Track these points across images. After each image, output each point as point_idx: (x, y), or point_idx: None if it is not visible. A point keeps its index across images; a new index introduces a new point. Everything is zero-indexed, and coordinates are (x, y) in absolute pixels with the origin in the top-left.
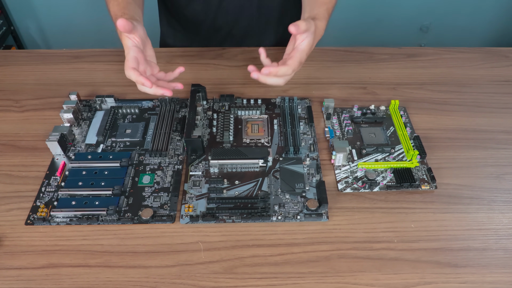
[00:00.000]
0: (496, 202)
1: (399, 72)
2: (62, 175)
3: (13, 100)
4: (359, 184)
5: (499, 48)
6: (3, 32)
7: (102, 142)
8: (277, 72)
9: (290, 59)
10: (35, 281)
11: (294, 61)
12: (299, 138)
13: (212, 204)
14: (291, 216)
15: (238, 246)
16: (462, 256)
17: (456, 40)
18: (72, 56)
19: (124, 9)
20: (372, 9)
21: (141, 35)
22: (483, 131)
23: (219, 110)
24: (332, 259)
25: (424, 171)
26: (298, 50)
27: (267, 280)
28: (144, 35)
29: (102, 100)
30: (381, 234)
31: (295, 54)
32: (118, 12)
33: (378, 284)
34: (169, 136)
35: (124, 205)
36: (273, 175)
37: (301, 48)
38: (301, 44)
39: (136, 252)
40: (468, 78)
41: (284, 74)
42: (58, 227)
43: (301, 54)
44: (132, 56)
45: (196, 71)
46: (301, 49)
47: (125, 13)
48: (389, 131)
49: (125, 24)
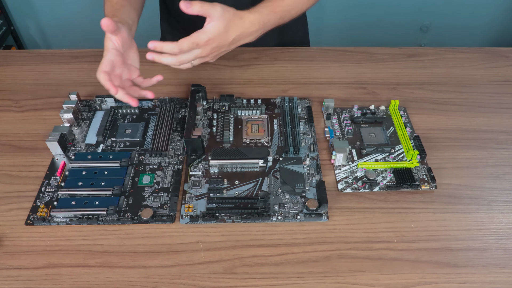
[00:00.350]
0: (496, 202)
1: (399, 72)
2: (62, 175)
3: (13, 100)
4: (359, 184)
5: (499, 48)
6: (3, 32)
7: (102, 142)
8: (161, 47)
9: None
10: (35, 281)
11: (186, 39)
12: (299, 138)
13: (212, 204)
14: (291, 216)
15: (238, 246)
16: (462, 256)
17: (456, 40)
18: (72, 56)
19: (116, 11)
20: (372, 9)
21: (124, 37)
22: (483, 131)
23: (219, 110)
24: (332, 259)
25: (424, 171)
26: (199, 31)
27: (267, 280)
28: (128, 38)
29: (102, 100)
30: (381, 234)
31: (193, 33)
32: (109, 14)
33: (378, 284)
34: (169, 136)
35: (124, 205)
36: (273, 175)
37: (202, 30)
38: (206, 26)
39: (136, 252)
40: (468, 78)
41: (171, 51)
42: (58, 227)
43: (199, 34)
44: (107, 59)
45: (196, 71)
46: (201, 30)
47: (115, 15)
48: (389, 131)
49: (108, 24)
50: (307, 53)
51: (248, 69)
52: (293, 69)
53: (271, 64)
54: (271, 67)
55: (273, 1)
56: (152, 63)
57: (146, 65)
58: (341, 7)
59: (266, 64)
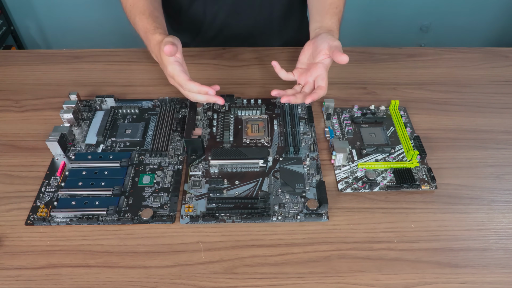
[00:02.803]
0: (496, 202)
1: (399, 72)
2: (62, 175)
3: (13, 100)
4: (359, 184)
5: (499, 48)
6: (3, 32)
7: (102, 142)
8: (318, 96)
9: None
10: (35, 281)
11: (325, 81)
12: (299, 138)
13: (212, 204)
14: (291, 216)
15: (238, 246)
16: (462, 256)
17: (456, 40)
18: (72, 56)
19: (155, 23)
20: (372, 9)
21: (180, 50)
22: (483, 131)
23: (219, 110)
24: (332, 259)
25: (424, 171)
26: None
27: (267, 280)
28: (181, 49)
29: (102, 100)
30: (381, 234)
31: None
32: (150, 27)
33: (378, 284)
34: (169, 136)
35: (124, 205)
36: (273, 175)
37: (326, 64)
38: (325, 60)
39: (136, 252)
40: (468, 78)
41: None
42: (58, 227)
43: (327, 68)
44: (179, 70)
45: (196, 71)
46: (326, 65)
47: (157, 27)
48: (389, 131)
49: (171, 49)
50: None
51: (248, 69)
52: (293, 69)
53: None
54: (271, 67)
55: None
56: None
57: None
58: None
59: (266, 64)
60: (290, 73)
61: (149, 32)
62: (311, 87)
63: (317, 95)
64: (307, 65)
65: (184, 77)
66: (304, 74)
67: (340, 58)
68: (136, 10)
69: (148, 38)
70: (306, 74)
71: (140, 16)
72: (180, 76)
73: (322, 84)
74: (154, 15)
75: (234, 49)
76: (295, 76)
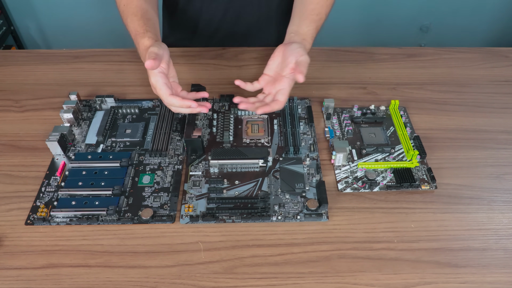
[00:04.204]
0: (496, 202)
1: (399, 72)
2: (62, 175)
3: (13, 100)
4: (359, 184)
5: (499, 48)
6: (3, 32)
7: (102, 142)
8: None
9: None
10: (35, 281)
11: (285, 96)
12: (299, 138)
13: (212, 204)
14: (291, 216)
15: (238, 246)
16: (462, 256)
17: (456, 40)
18: (72, 56)
19: (146, 26)
20: (372, 9)
21: (166, 59)
22: (483, 131)
23: (219, 110)
24: (332, 259)
25: (424, 171)
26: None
27: (267, 280)
28: (167, 57)
29: (102, 100)
30: (381, 234)
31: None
32: (140, 29)
33: (378, 284)
34: (169, 136)
35: (124, 205)
36: (273, 175)
37: (291, 78)
38: (290, 75)
39: (136, 252)
40: (468, 78)
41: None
42: (58, 227)
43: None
44: (162, 83)
45: (196, 71)
46: (291, 79)
47: (147, 30)
48: (389, 131)
49: (153, 64)
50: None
51: (248, 69)
52: None
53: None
54: None
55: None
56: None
57: None
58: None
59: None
60: (256, 82)
61: (138, 35)
62: (272, 99)
63: (270, 108)
64: (274, 75)
65: (165, 91)
66: (269, 85)
67: (297, 76)
68: (128, 11)
69: (137, 41)
70: (272, 85)
71: (131, 17)
72: (162, 90)
73: (281, 99)
74: (146, 17)
75: (234, 49)
76: (260, 84)
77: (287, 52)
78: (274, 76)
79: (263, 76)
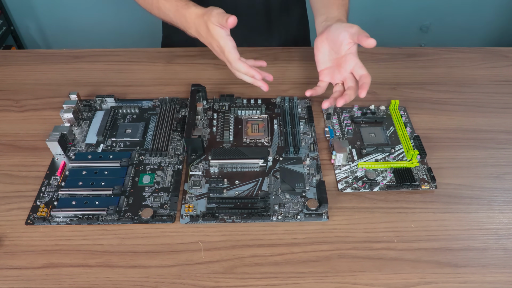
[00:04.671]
0: (496, 202)
1: (399, 72)
2: (62, 175)
3: (13, 100)
4: (359, 184)
5: (499, 48)
6: (3, 32)
7: (102, 142)
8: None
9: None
10: (35, 281)
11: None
12: (299, 138)
13: (212, 204)
14: (291, 216)
15: (238, 246)
16: (462, 256)
17: (456, 40)
18: (72, 56)
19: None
20: (372, 9)
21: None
22: (483, 131)
23: (219, 110)
24: (332, 259)
25: (424, 171)
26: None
27: (267, 280)
28: None
29: (102, 100)
30: (381, 234)
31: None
32: (180, 3)
33: (378, 284)
34: (169, 136)
35: (124, 205)
36: (273, 175)
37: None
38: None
39: (136, 252)
40: (468, 78)
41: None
42: (58, 227)
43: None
44: (232, 46)
45: (196, 71)
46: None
47: (188, 2)
48: (389, 131)
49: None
50: (307, 53)
51: None
52: (293, 69)
53: (271, 64)
54: (271, 67)
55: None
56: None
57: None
58: None
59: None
60: (320, 83)
61: (181, 8)
62: (353, 80)
63: (367, 84)
64: (333, 62)
65: (235, 55)
66: (336, 72)
67: (367, 42)
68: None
69: (182, 14)
70: (339, 70)
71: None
72: (231, 53)
73: (363, 72)
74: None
75: None
76: (326, 80)
77: (331, 35)
78: (333, 64)
79: (321, 72)
